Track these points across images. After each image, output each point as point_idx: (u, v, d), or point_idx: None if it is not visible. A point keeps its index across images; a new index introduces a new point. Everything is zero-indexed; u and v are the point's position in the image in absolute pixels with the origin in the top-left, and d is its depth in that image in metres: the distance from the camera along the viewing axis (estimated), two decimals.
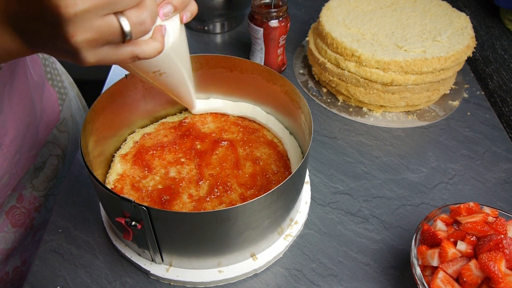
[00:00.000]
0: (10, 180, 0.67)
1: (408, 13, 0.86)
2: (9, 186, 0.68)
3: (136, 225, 0.49)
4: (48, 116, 0.77)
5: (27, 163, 0.71)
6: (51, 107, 0.79)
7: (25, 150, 0.70)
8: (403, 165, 0.74)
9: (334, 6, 0.89)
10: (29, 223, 0.74)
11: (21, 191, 0.72)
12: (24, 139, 0.68)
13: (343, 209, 0.67)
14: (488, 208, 0.55)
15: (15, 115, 0.65)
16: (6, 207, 0.70)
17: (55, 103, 0.80)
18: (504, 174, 0.72)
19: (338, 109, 0.85)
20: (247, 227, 0.52)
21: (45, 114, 0.76)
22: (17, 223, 0.72)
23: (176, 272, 0.57)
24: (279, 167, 0.65)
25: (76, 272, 0.58)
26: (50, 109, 0.78)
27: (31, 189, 0.74)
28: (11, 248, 0.71)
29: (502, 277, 0.45)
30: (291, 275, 0.58)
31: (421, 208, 0.67)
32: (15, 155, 0.66)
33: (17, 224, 0.72)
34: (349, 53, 0.77)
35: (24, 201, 0.73)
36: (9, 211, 0.70)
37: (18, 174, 0.69)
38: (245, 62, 0.67)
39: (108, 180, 0.63)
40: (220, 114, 0.74)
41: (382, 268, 0.59)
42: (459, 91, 0.88)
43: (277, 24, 0.82)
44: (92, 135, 0.59)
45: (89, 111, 0.57)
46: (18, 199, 0.72)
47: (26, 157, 0.70)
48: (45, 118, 0.76)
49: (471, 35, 0.80)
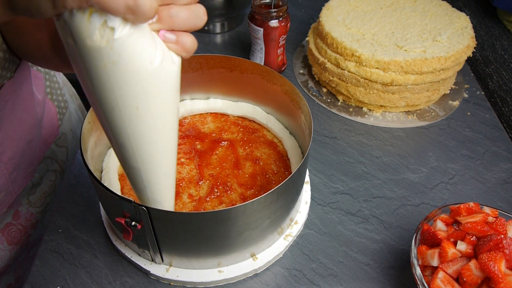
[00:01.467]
0: (6, 197, 0.66)
1: (408, 13, 0.86)
2: (5, 203, 0.66)
3: (136, 225, 0.49)
4: (47, 131, 0.75)
5: (24, 180, 0.69)
6: (50, 122, 0.77)
7: (23, 167, 0.68)
8: (403, 165, 0.74)
9: (334, 6, 0.89)
10: (25, 240, 0.72)
11: (17, 208, 0.70)
12: (23, 156, 0.66)
13: (343, 209, 0.67)
14: (488, 208, 0.55)
15: (16, 133, 0.63)
16: (2, 224, 0.68)
17: (54, 118, 0.78)
18: (504, 174, 0.72)
19: (338, 109, 0.85)
20: (247, 227, 0.52)
21: (44, 129, 0.74)
22: (13, 241, 0.70)
23: (176, 272, 0.57)
24: (279, 167, 0.65)
25: (76, 272, 0.58)
26: (49, 124, 0.76)
27: (28, 205, 0.72)
28: (5, 266, 0.70)
29: (502, 277, 0.45)
30: (291, 275, 0.58)
31: (421, 208, 0.67)
32: (12, 172, 0.65)
33: (13, 241, 0.70)
34: (349, 53, 0.77)
35: (21, 218, 0.71)
36: (4, 228, 0.69)
37: (15, 192, 0.67)
38: (245, 62, 0.67)
39: None
40: (220, 114, 0.74)
41: (382, 268, 0.59)
42: (459, 91, 0.88)
43: (277, 24, 0.82)
44: (92, 135, 0.59)
45: (89, 111, 0.57)
46: (14, 216, 0.70)
47: (23, 174, 0.68)
48: (44, 133, 0.74)
49: (471, 35, 0.80)
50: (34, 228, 0.74)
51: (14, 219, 0.70)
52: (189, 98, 0.74)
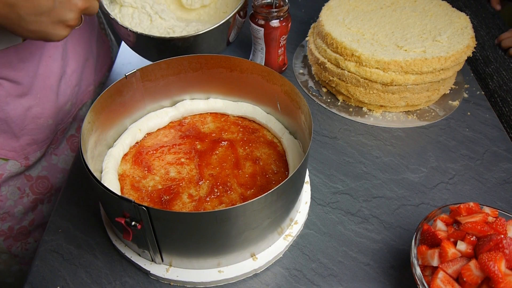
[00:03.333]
0: (71, 108, 0.82)
1: (408, 13, 0.86)
2: (71, 114, 0.83)
3: (136, 225, 0.49)
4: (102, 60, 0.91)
5: (85, 96, 0.85)
6: (104, 53, 0.93)
7: (84, 83, 0.83)
8: (403, 165, 0.74)
9: (334, 6, 0.89)
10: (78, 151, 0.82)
11: (80, 123, 0.86)
12: (82, 72, 0.82)
13: (343, 209, 0.67)
14: (488, 208, 0.55)
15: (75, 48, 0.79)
16: (67, 134, 0.85)
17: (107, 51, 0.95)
18: (504, 174, 0.72)
19: (338, 109, 0.85)
20: (247, 227, 0.52)
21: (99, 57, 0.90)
22: (74, 149, 0.87)
23: (176, 272, 0.57)
24: (279, 167, 0.65)
25: (76, 272, 0.59)
26: (103, 54, 0.92)
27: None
28: None
29: (502, 277, 0.45)
30: (291, 275, 0.58)
31: (421, 208, 0.67)
32: (75, 85, 0.81)
33: (74, 150, 0.87)
34: (349, 53, 0.77)
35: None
36: (69, 138, 0.86)
37: (77, 105, 0.84)
38: (245, 62, 0.67)
39: None
40: (220, 114, 0.74)
41: (382, 268, 0.59)
42: (459, 91, 0.88)
43: (278, 24, 0.82)
44: (92, 135, 0.59)
45: (89, 111, 0.57)
46: (78, 129, 0.87)
47: (84, 91, 0.84)
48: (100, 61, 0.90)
49: (471, 35, 0.80)
50: None
51: (77, 132, 0.87)
52: (189, 98, 0.74)
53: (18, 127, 0.73)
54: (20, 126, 0.73)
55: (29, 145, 0.76)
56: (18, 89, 0.70)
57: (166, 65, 0.67)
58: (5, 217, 0.78)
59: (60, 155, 0.84)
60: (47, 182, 0.82)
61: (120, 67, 0.96)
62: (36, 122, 0.75)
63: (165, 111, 0.72)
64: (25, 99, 0.71)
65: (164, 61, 0.66)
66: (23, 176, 0.78)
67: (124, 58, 0.97)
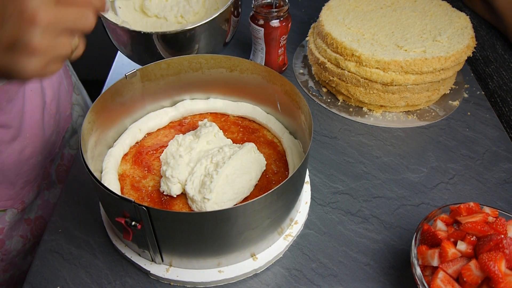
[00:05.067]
0: (56, 138, 0.79)
1: (408, 13, 0.86)
2: (57, 144, 0.80)
3: (136, 225, 0.49)
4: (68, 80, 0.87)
5: (65, 122, 0.83)
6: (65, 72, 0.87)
7: (62, 109, 0.81)
8: (403, 165, 0.74)
9: (334, 6, 0.89)
10: (67, 177, 0.79)
11: (63, 150, 0.83)
12: (59, 98, 0.80)
13: (343, 209, 0.67)
14: (488, 208, 0.55)
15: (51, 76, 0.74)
16: (55, 164, 0.81)
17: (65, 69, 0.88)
18: (504, 174, 0.72)
19: (338, 109, 0.85)
20: (247, 227, 0.52)
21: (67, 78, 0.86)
22: (61, 180, 0.83)
23: (176, 272, 0.57)
24: (279, 167, 0.65)
25: (76, 272, 0.59)
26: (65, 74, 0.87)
27: (69, 148, 0.84)
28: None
29: (502, 277, 0.45)
30: (291, 275, 0.58)
31: (421, 208, 0.67)
32: (56, 113, 0.78)
33: (61, 181, 0.83)
34: (349, 53, 0.77)
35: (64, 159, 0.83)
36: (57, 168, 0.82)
37: (61, 133, 0.81)
38: (245, 62, 0.67)
39: None
40: (220, 114, 0.74)
41: (382, 268, 0.59)
42: (459, 91, 0.88)
43: (278, 24, 0.82)
44: (92, 135, 0.59)
45: (89, 111, 0.57)
46: (62, 155, 0.83)
47: (63, 116, 0.82)
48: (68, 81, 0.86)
49: (471, 35, 0.80)
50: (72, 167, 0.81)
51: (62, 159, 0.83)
52: (189, 98, 0.74)
53: (14, 174, 0.69)
54: (15, 173, 0.69)
55: (22, 189, 0.72)
56: (9, 133, 0.66)
57: (166, 65, 0.67)
58: (8, 268, 0.75)
59: (51, 189, 0.80)
60: (43, 222, 0.79)
61: (120, 67, 0.96)
62: (29, 163, 0.72)
63: (165, 111, 0.72)
64: (17, 142, 0.68)
65: (164, 61, 0.66)
66: (23, 221, 0.75)
67: (124, 58, 0.97)
